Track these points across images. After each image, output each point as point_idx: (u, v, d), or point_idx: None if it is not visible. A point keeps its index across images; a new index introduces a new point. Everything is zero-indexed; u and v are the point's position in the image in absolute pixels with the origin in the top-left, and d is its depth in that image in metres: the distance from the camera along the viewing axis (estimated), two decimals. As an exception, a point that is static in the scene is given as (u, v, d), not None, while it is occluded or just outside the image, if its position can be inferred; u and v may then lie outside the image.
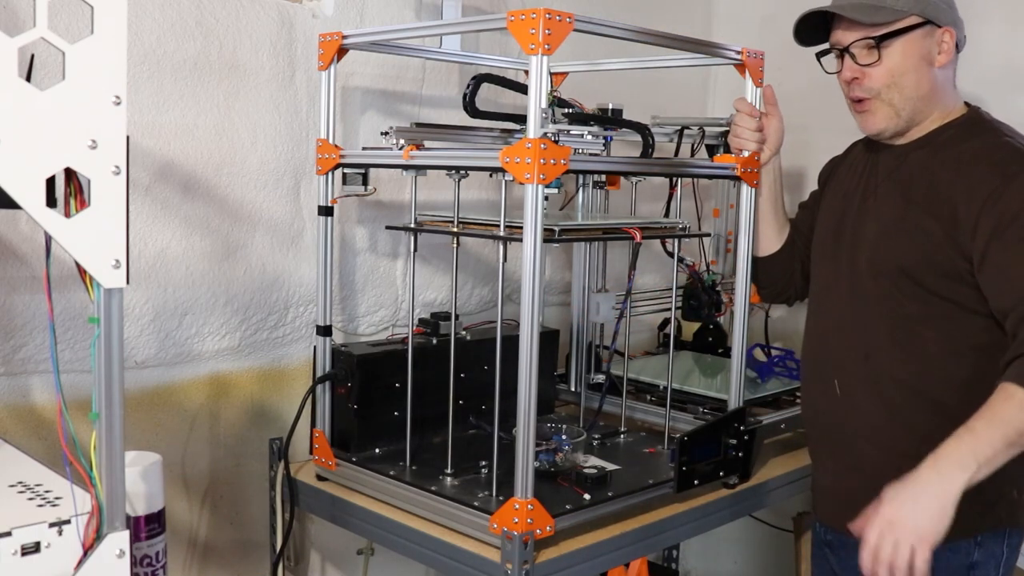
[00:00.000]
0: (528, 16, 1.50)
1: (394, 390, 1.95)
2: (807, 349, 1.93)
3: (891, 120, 1.74)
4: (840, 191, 1.88)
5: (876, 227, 1.75)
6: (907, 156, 1.75)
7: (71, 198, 1.08)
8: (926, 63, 1.71)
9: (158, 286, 1.91)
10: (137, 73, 1.83)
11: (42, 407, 1.78)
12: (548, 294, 2.58)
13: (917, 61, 1.70)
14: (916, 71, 1.70)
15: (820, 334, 1.89)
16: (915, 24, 1.69)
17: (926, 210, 1.67)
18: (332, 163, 1.90)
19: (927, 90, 1.72)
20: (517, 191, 1.59)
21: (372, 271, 2.25)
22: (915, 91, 1.71)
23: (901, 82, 1.71)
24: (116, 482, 1.12)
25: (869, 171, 1.82)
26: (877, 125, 1.76)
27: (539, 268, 1.56)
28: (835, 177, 1.95)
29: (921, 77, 1.71)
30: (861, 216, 1.79)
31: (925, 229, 1.66)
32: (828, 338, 1.85)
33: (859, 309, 1.77)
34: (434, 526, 1.76)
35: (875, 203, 1.77)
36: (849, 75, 1.75)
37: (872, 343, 1.75)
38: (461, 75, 2.34)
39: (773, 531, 2.90)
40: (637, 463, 1.98)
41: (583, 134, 1.94)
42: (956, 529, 1.65)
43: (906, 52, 1.70)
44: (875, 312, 1.74)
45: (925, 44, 1.70)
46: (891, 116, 1.74)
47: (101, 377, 1.09)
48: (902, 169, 1.75)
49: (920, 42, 1.70)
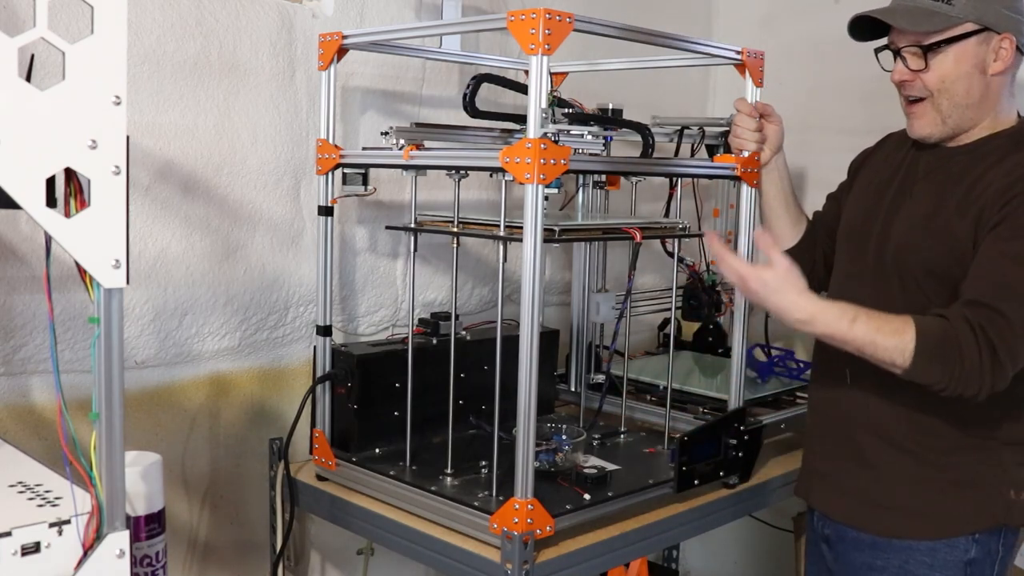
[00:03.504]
0: (528, 16, 1.50)
1: (394, 390, 1.95)
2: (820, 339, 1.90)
3: (937, 126, 1.71)
4: (872, 184, 1.85)
5: (906, 225, 1.72)
6: (951, 160, 1.71)
7: (71, 198, 1.07)
8: (979, 71, 1.65)
9: (158, 286, 1.91)
10: (137, 73, 1.83)
11: (42, 407, 1.78)
12: (548, 294, 2.58)
13: (970, 69, 1.65)
14: (968, 78, 1.66)
15: None
16: (970, 31, 1.64)
17: (957, 212, 1.64)
18: (332, 163, 1.90)
19: (978, 98, 1.67)
20: (517, 191, 1.59)
21: (372, 271, 2.25)
22: (965, 99, 1.67)
23: (952, 89, 1.67)
24: (116, 482, 1.12)
25: (908, 168, 1.79)
26: (924, 129, 1.72)
27: (539, 268, 1.56)
28: (867, 168, 1.91)
29: (973, 85, 1.66)
30: (892, 212, 1.76)
31: (952, 231, 1.64)
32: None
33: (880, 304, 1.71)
34: (434, 526, 1.76)
35: (910, 201, 1.74)
36: (898, 78, 1.71)
37: None
38: (461, 75, 2.34)
39: (773, 531, 2.90)
40: (637, 463, 1.98)
41: (583, 134, 1.94)
42: (954, 526, 1.66)
43: (958, 60, 1.65)
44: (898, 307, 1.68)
45: (980, 51, 1.65)
46: (937, 122, 1.70)
47: (101, 377, 1.09)
48: (943, 172, 1.71)
49: (974, 50, 1.65)
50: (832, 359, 1.83)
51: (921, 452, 1.70)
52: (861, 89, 2.67)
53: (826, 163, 2.03)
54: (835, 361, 1.81)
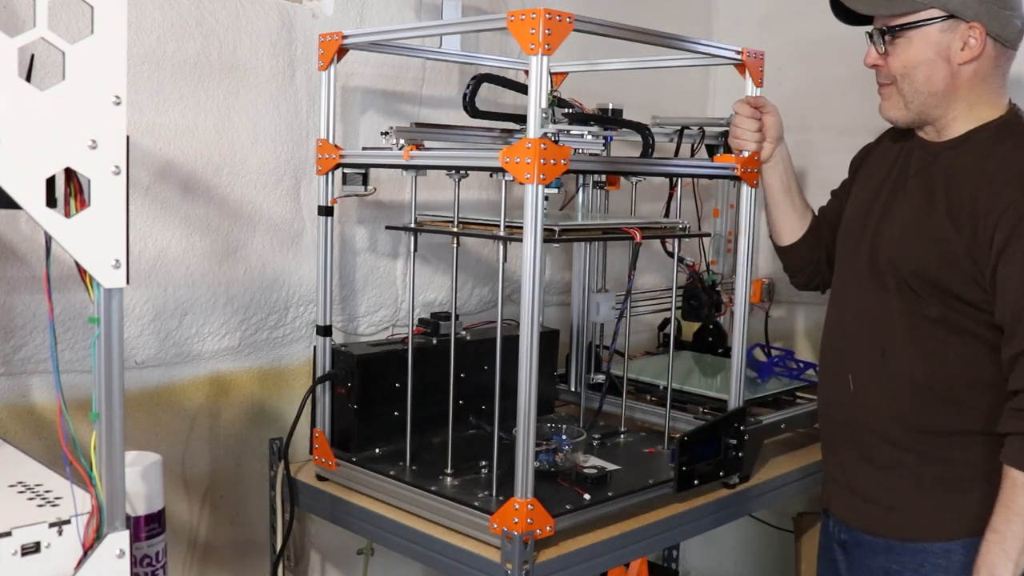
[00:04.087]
0: (528, 16, 1.50)
1: (394, 390, 1.95)
2: (825, 341, 1.89)
3: (901, 111, 1.70)
4: (870, 181, 1.84)
5: (898, 226, 1.71)
6: (938, 156, 1.70)
7: (71, 198, 1.07)
8: (942, 59, 1.63)
9: (158, 286, 1.91)
10: (137, 73, 1.83)
11: (42, 407, 1.78)
12: (548, 294, 2.58)
13: (932, 56, 1.63)
14: (930, 65, 1.64)
15: (838, 326, 1.85)
16: (934, 17, 1.62)
17: (948, 217, 1.63)
18: (332, 163, 1.90)
19: (941, 87, 1.65)
20: (517, 191, 1.59)
21: (372, 271, 2.25)
22: (926, 86, 1.66)
23: (912, 75, 1.66)
24: (116, 482, 1.12)
25: (901, 164, 1.78)
26: (888, 112, 1.73)
27: (539, 268, 1.56)
28: (866, 165, 1.90)
29: (935, 72, 1.64)
30: (886, 211, 1.75)
31: (944, 237, 1.62)
32: (845, 331, 1.82)
33: (878, 305, 1.73)
34: (434, 526, 1.76)
35: (902, 200, 1.73)
36: (867, 61, 1.72)
37: (889, 340, 1.72)
38: (461, 75, 2.34)
39: (773, 531, 2.90)
40: (637, 463, 1.98)
41: (583, 134, 1.94)
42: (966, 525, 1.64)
43: (919, 46, 1.64)
44: (894, 309, 1.70)
45: (944, 39, 1.63)
46: (901, 107, 1.70)
47: (101, 377, 1.09)
48: (931, 169, 1.70)
49: (937, 36, 1.63)
50: (834, 366, 1.84)
51: (926, 451, 1.69)
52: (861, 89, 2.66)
53: (826, 163, 2.03)
54: (838, 368, 1.82)
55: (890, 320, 1.72)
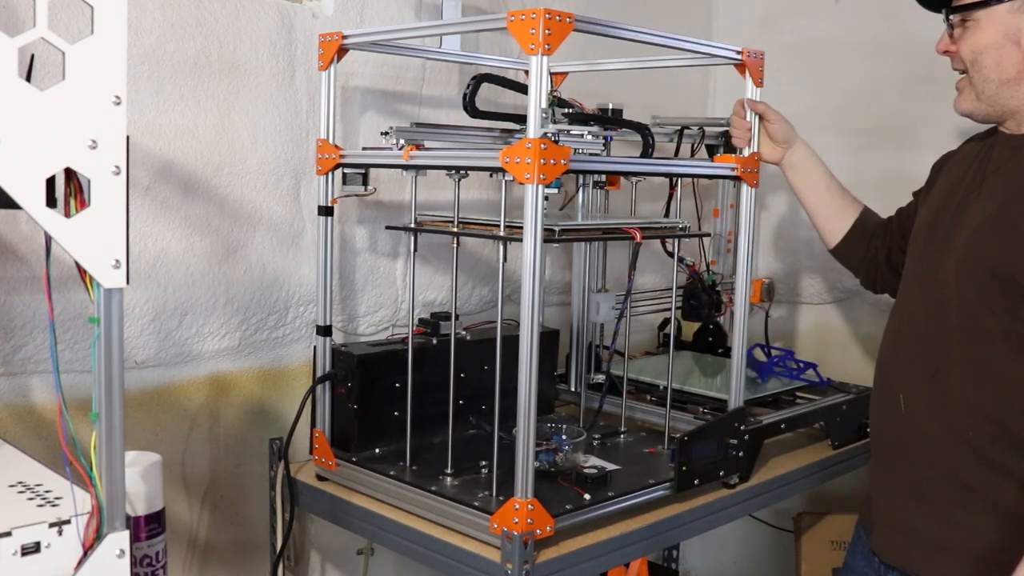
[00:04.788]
0: (528, 16, 1.50)
1: (394, 390, 1.95)
2: (880, 353, 1.78)
3: (973, 103, 1.61)
4: (946, 186, 1.73)
5: (970, 227, 1.58)
6: (1020, 149, 1.58)
7: (71, 198, 1.07)
8: (1011, 42, 1.53)
9: (158, 286, 1.91)
10: (137, 73, 1.83)
11: (42, 407, 1.78)
12: (548, 294, 2.58)
13: (1000, 39, 1.54)
14: (998, 50, 1.54)
15: (892, 340, 1.73)
16: None
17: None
18: (332, 163, 1.90)
19: (1013, 74, 1.55)
20: (517, 191, 1.59)
21: (372, 271, 2.25)
22: (995, 73, 1.56)
23: (981, 60, 1.57)
24: (116, 482, 1.12)
25: (979, 165, 1.66)
26: (961, 106, 1.64)
27: (539, 268, 1.56)
28: (945, 171, 1.79)
29: (1004, 58, 1.54)
30: (959, 214, 1.63)
31: (1021, 230, 1.50)
32: (899, 346, 1.70)
33: (935, 319, 1.61)
34: (434, 526, 1.76)
35: (978, 199, 1.61)
36: (940, 47, 1.64)
37: (944, 358, 1.59)
38: (461, 75, 2.34)
39: (773, 531, 2.90)
40: (637, 463, 1.98)
41: (583, 134, 1.94)
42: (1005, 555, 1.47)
43: (986, 28, 1.55)
44: (952, 323, 1.57)
45: (1013, 20, 1.53)
46: (972, 98, 1.61)
47: (101, 377, 1.09)
48: (1012, 163, 1.58)
49: (1005, 18, 1.53)
50: (887, 383, 1.72)
51: (985, 490, 1.54)
52: (861, 89, 2.68)
53: (826, 163, 2.03)
54: (889, 386, 1.70)
55: (946, 336, 1.60)
